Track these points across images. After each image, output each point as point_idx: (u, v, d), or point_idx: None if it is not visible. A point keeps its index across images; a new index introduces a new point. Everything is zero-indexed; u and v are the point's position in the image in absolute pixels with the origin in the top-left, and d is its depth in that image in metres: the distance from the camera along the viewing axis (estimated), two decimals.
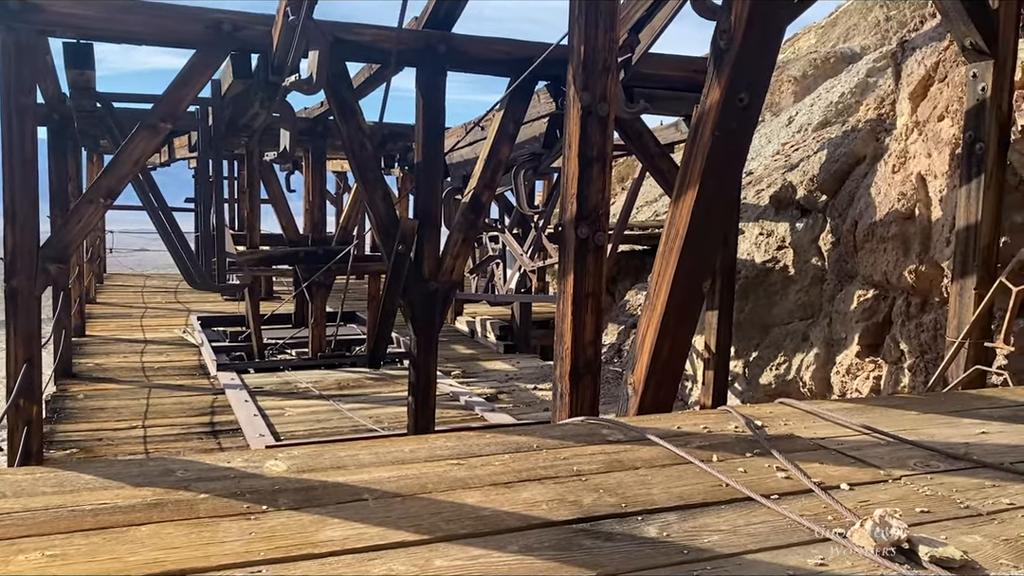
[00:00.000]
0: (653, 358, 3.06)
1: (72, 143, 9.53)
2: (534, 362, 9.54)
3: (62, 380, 7.90)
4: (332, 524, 1.76)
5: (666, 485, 2.07)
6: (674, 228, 2.98)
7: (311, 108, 8.89)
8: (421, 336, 5.44)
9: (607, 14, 3.19)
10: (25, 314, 4.67)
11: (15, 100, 4.57)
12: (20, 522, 1.74)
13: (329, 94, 5.06)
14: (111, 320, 11.80)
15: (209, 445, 6.08)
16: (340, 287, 9.52)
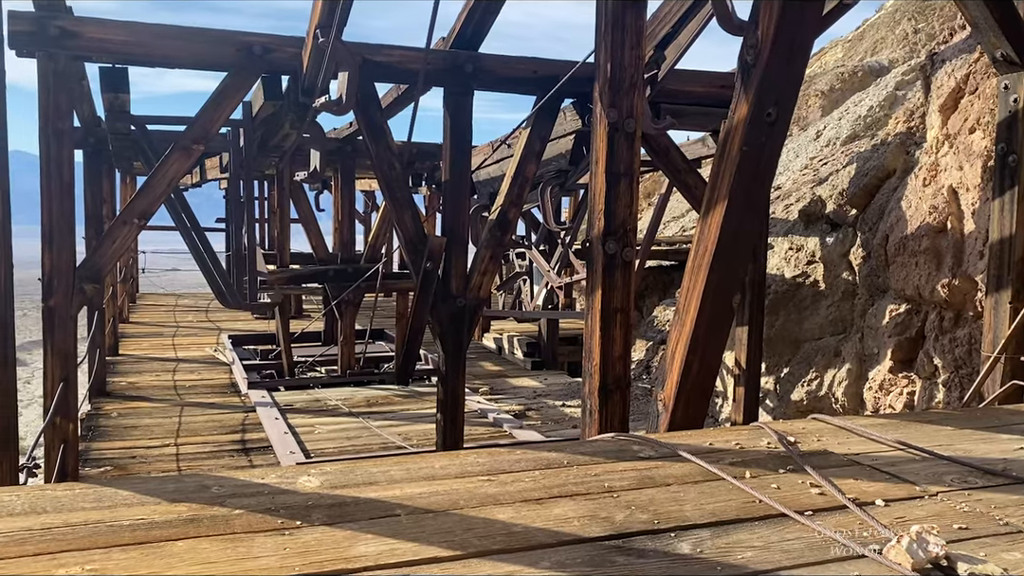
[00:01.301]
0: (683, 374, 3.05)
1: (107, 165, 9.72)
2: (562, 379, 9.52)
3: (96, 398, 8.01)
4: (365, 539, 1.77)
5: (699, 501, 2.06)
6: (703, 243, 2.98)
7: (340, 128, 8.99)
8: (449, 353, 5.46)
9: (634, 31, 3.21)
10: (62, 333, 4.75)
11: (53, 125, 4.67)
12: (60, 537, 1.77)
13: (358, 115, 5.12)
14: (144, 339, 11.96)
15: (240, 462, 6.13)
16: (369, 305, 9.58)
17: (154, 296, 18.84)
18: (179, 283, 25.19)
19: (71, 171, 4.78)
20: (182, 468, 5.96)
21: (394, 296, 10.53)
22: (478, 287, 5.58)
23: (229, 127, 6.99)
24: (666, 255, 9.84)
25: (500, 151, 7.24)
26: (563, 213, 11.41)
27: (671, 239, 10.70)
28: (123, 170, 12.63)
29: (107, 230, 5.28)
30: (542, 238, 8.23)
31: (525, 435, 6.79)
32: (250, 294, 7.32)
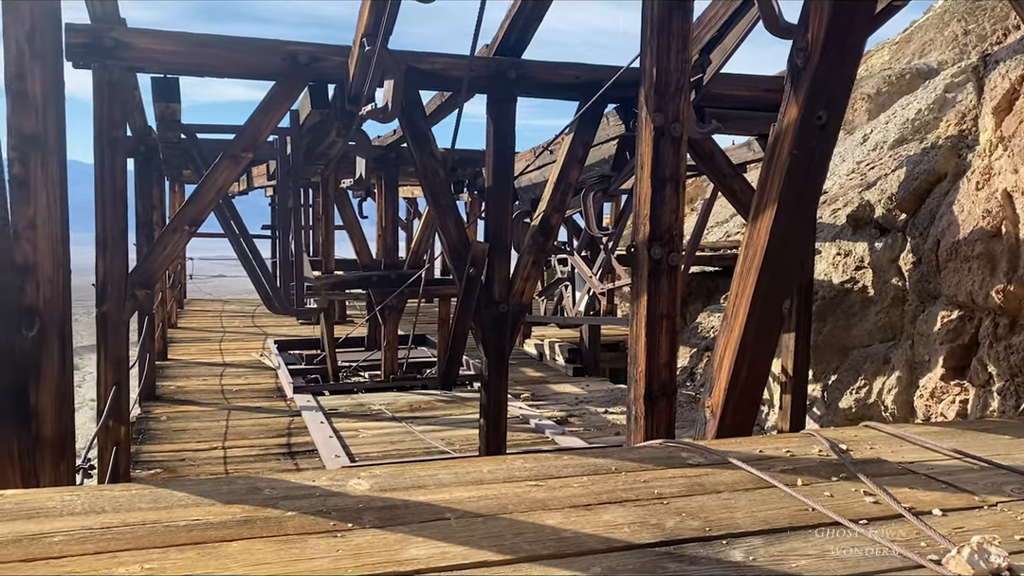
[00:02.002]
0: (731, 381, 3.02)
1: (157, 174, 9.93)
2: (604, 385, 9.48)
3: (146, 402, 8.17)
4: (416, 542, 1.79)
5: (750, 509, 2.03)
6: (752, 248, 2.94)
7: (384, 136, 9.07)
8: (492, 358, 5.47)
9: (679, 36, 3.20)
10: (114, 338, 4.85)
11: (107, 134, 4.78)
12: (119, 536, 1.81)
13: (403, 122, 5.16)
14: (192, 344, 12.17)
15: (287, 466, 6.21)
16: (411, 310, 9.65)
17: (201, 302, 19.17)
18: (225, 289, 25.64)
19: (124, 179, 4.89)
20: (230, 471, 6.05)
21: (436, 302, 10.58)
22: (520, 293, 5.58)
23: (276, 135, 7.10)
24: (710, 261, 9.75)
25: (542, 157, 7.25)
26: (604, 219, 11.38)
27: (715, 245, 10.61)
28: (172, 178, 12.89)
29: (158, 237, 5.38)
30: (584, 244, 8.20)
31: (567, 441, 6.77)
32: (297, 300, 7.42)
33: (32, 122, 2.73)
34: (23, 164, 2.73)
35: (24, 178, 2.73)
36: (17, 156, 2.71)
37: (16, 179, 2.72)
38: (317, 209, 12.41)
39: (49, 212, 2.78)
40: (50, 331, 2.78)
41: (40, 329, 2.75)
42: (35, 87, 2.73)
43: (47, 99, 2.76)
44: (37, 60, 2.73)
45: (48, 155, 2.78)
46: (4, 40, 2.68)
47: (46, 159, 2.77)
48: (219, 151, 5.29)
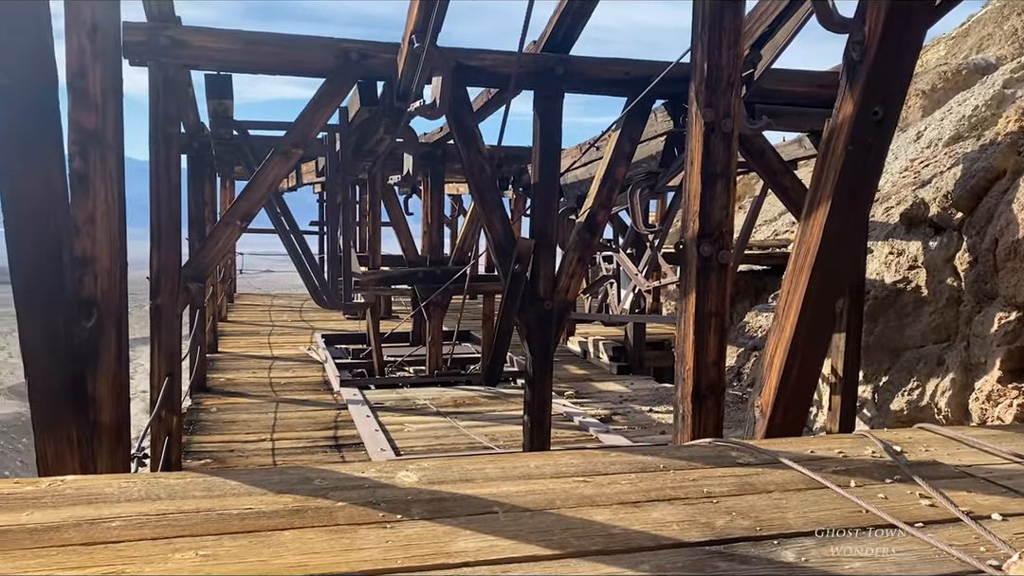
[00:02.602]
0: (782, 380, 2.98)
1: (209, 170, 10.11)
2: (648, 384, 9.42)
3: (197, 394, 8.33)
4: (464, 535, 1.79)
5: (802, 509, 2.00)
6: (804, 246, 2.90)
7: (430, 133, 9.13)
8: (536, 355, 5.47)
9: (731, 31, 3.16)
10: (168, 331, 4.96)
11: (162, 130, 4.89)
12: (175, 523, 1.84)
13: (451, 119, 5.18)
14: (241, 337, 12.38)
15: (333, 458, 6.28)
16: (456, 307, 9.69)
17: (251, 296, 19.48)
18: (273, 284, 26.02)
19: (178, 174, 4.99)
20: (278, 462, 6.14)
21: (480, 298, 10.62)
22: (566, 290, 5.57)
23: (326, 132, 7.18)
24: (758, 259, 9.62)
25: (589, 154, 7.22)
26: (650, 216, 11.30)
27: (763, 243, 10.47)
28: (223, 174, 13.13)
29: (211, 231, 5.49)
30: (630, 241, 8.16)
31: (612, 439, 6.74)
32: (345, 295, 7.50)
33: (92, 118, 2.79)
34: (83, 159, 2.79)
35: (84, 173, 2.79)
36: (78, 151, 2.77)
37: (76, 174, 2.78)
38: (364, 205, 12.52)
39: (107, 206, 2.84)
40: (107, 322, 2.84)
41: (98, 320, 2.81)
42: (95, 85, 2.79)
43: (106, 96, 2.82)
44: (97, 58, 2.79)
45: (107, 151, 2.83)
46: (66, 38, 2.75)
47: (105, 155, 2.83)
48: (270, 147, 5.37)
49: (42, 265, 2.54)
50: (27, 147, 2.49)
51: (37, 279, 2.55)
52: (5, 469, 10.47)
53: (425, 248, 10.08)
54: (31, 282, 2.54)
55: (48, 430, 2.63)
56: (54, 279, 2.57)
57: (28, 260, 2.53)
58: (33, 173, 2.49)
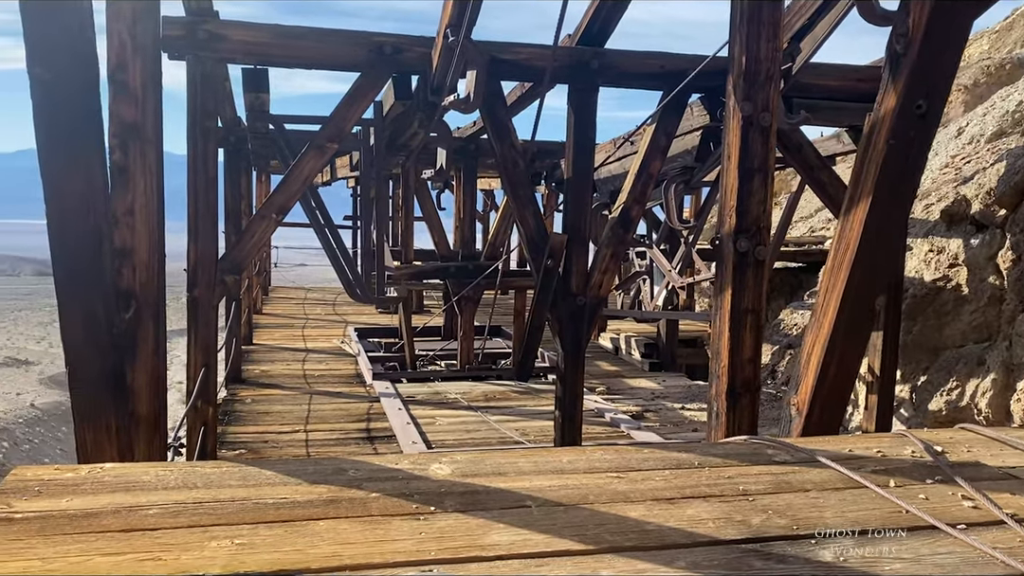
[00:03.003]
0: (819, 378, 2.93)
1: (245, 164, 10.22)
2: (681, 381, 9.36)
3: (232, 385, 8.43)
4: (498, 528, 1.79)
5: (840, 509, 1.97)
6: (844, 242, 2.85)
7: (463, 128, 9.13)
8: (568, 351, 5.45)
9: (770, 23, 3.12)
10: (204, 322, 5.02)
11: (200, 124, 4.94)
12: (211, 511, 1.86)
13: (484, 113, 5.18)
14: (276, 330, 12.51)
15: (366, 450, 6.32)
16: (487, 301, 9.71)
17: (285, 289, 19.68)
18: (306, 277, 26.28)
19: (215, 168, 5.05)
20: (311, 454, 6.19)
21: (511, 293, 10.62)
22: (598, 285, 5.54)
23: (360, 126, 7.22)
24: (794, 256, 9.51)
25: (622, 148, 7.18)
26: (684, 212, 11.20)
27: (799, 240, 10.35)
28: (259, 168, 13.26)
29: (247, 224, 5.55)
30: (663, 237, 8.10)
31: (643, 436, 6.71)
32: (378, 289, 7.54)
33: (132, 111, 2.82)
34: (123, 152, 2.82)
35: (124, 165, 2.82)
36: (118, 144, 2.81)
37: (116, 166, 2.81)
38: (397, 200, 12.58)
39: (147, 199, 2.87)
40: (145, 314, 2.88)
41: (136, 311, 2.85)
42: (135, 78, 2.82)
43: (146, 90, 2.85)
44: (138, 52, 2.82)
45: (146, 144, 2.87)
46: (108, 32, 2.78)
47: (144, 148, 2.86)
48: (305, 142, 5.41)
49: (83, 256, 2.58)
50: (69, 140, 2.53)
51: (78, 270, 2.59)
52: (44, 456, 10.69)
53: (457, 243, 10.11)
54: (72, 273, 2.58)
55: (87, 418, 2.67)
56: (94, 270, 2.60)
57: (69, 251, 2.57)
58: (75, 166, 2.53)
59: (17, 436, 10.71)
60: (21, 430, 10.91)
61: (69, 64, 2.45)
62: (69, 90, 2.47)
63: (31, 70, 2.41)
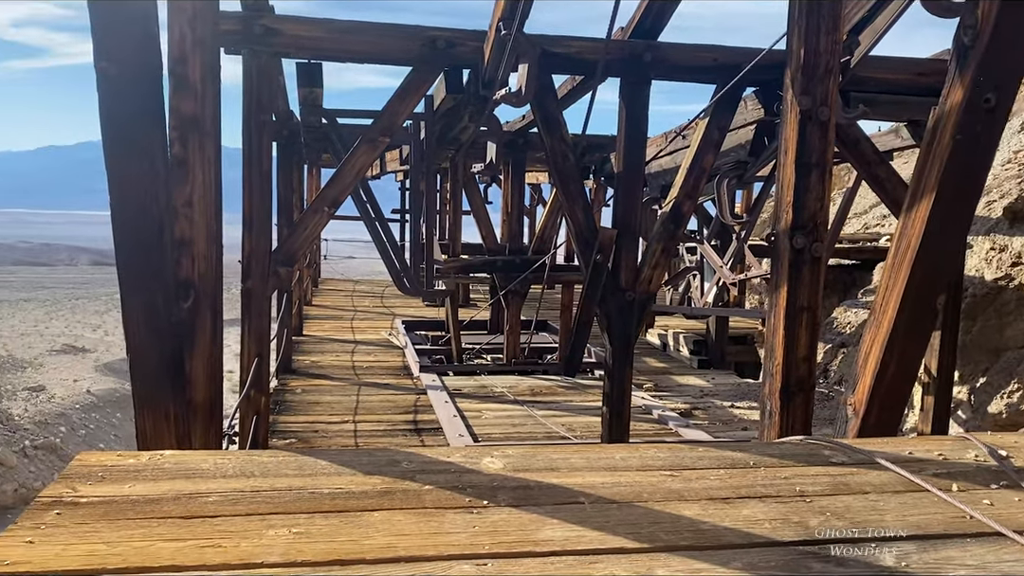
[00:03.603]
0: (877, 378, 2.87)
1: (297, 157, 10.35)
2: (730, 379, 9.25)
3: (283, 375, 8.56)
4: (551, 524, 1.78)
5: (900, 512, 1.93)
6: (905, 239, 2.78)
7: (512, 122, 9.13)
8: (616, 346, 5.41)
9: (830, 15, 3.06)
10: (258, 313, 5.11)
11: (255, 118, 5.02)
12: (268, 500, 1.89)
13: (535, 106, 5.16)
14: (325, 321, 12.67)
15: (412, 442, 6.37)
16: (534, 296, 9.70)
17: (334, 281, 19.92)
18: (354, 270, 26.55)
19: (270, 161, 5.12)
20: (359, 444, 6.26)
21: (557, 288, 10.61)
22: (648, 281, 5.49)
23: (411, 120, 7.26)
24: (848, 253, 9.32)
25: (674, 143, 7.11)
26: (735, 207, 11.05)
27: (854, 236, 10.14)
28: (310, 162, 13.42)
29: (300, 217, 5.62)
30: (714, 232, 8.00)
31: (692, 434, 6.65)
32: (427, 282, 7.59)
33: (191, 105, 2.87)
34: (183, 145, 2.87)
35: (183, 158, 2.87)
36: (177, 136, 2.86)
37: (176, 159, 2.86)
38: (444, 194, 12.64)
39: (205, 191, 2.92)
40: (203, 304, 2.93)
41: (194, 301, 2.90)
42: (195, 72, 2.86)
43: (205, 83, 2.89)
44: (197, 46, 2.86)
45: (205, 137, 2.91)
46: (168, 27, 2.83)
47: (203, 140, 2.90)
48: (357, 136, 5.46)
49: (144, 246, 2.63)
50: (133, 133, 2.58)
51: (140, 260, 2.64)
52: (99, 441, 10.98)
53: (504, 237, 10.11)
54: (134, 262, 2.64)
55: (147, 405, 2.73)
56: (155, 260, 2.65)
57: (131, 241, 2.62)
58: (138, 158, 2.58)
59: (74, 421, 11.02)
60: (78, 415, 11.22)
61: (133, 58, 2.50)
62: (133, 84, 2.52)
63: (97, 64, 2.46)
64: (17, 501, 8.34)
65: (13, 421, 9.87)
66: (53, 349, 16.21)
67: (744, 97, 5.65)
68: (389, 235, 7.34)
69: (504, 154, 9.07)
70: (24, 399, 11.27)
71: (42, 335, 18.62)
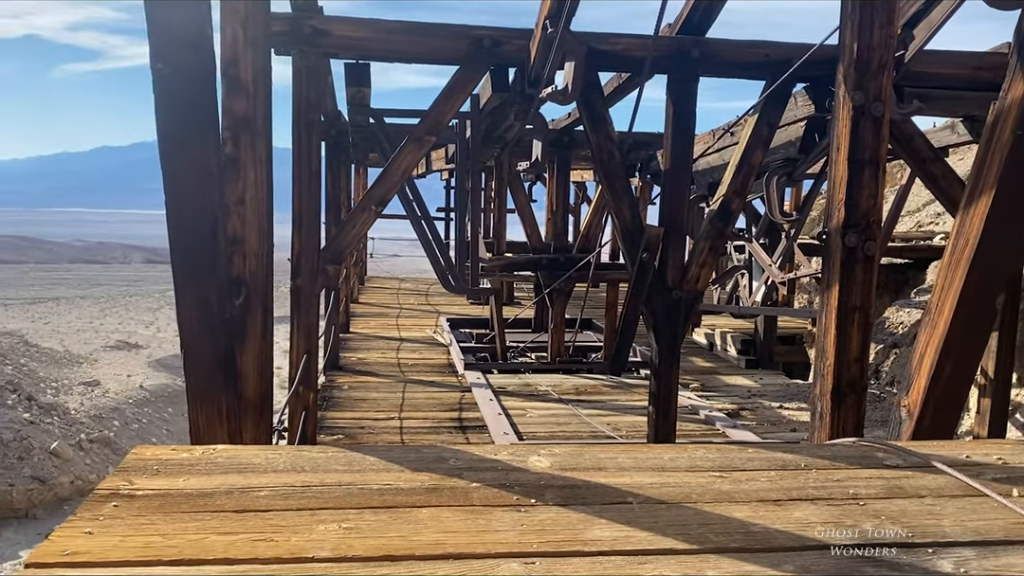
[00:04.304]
0: (932, 379, 2.81)
1: (345, 156, 10.46)
2: (778, 379, 9.12)
3: (330, 372, 8.66)
4: (599, 524, 1.78)
5: (958, 517, 1.88)
6: (963, 237, 2.72)
7: (557, 120, 9.11)
8: (663, 346, 5.37)
9: (884, 9, 3.00)
10: (307, 310, 5.17)
11: (304, 117, 5.08)
12: (318, 495, 1.91)
13: (581, 104, 5.14)
14: (371, 319, 12.79)
15: (457, 439, 6.40)
16: (578, 294, 9.67)
17: (380, 279, 20.10)
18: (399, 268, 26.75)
19: (318, 161, 5.18)
20: (405, 441, 6.31)
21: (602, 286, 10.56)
22: (695, 279, 5.43)
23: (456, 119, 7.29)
24: (900, 252, 9.13)
25: (722, 140, 7.02)
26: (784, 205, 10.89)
27: (907, 235, 9.93)
28: (357, 161, 13.55)
29: (347, 216, 5.68)
30: (763, 230, 7.89)
31: (740, 435, 6.57)
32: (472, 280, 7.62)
33: (243, 105, 2.91)
34: (235, 144, 2.92)
35: (235, 157, 2.92)
36: (230, 136, 2.90)
37: (228, 158, 2.91)
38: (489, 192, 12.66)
39: (256, 189, 2.96)
40: (255, 301, 2.97)
41: (246, 298, 2.94)
42: (247, 72, 2.91)
43: (257, 83, 2.93)
44: (248, 46, 2.90)
45: (256, 136, 2.95)
46: (221, 28, 2.88)
47: (255, 140, 2.95)
48: (403, 135, 5.49)
49: (199, 244, 2.68)
50: (187, 132, 2.63)
51: (194, 257, 2.69)
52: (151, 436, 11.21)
53: (549, 235, 10.10)
54: (189, 260, 2.69)
55: (201, 400, 2.78)
56: (209, 257, 2.70)
57: (186, 238, 2.67)
58: (192, 157, 2.62)
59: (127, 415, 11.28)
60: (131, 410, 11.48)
61: (188, 60, 2.55)
62: (187, 84, 2.57)
63: (154, 66, 2.51)
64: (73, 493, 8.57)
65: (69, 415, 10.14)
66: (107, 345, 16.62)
67: (794, 93, 5.56)
68: (435, 233, 7.38)
69: (549, 152, 9.05)
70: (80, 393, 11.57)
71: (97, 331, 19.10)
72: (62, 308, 24.42)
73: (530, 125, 6.32)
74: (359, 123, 7.31)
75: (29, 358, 12.79)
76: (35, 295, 28.87)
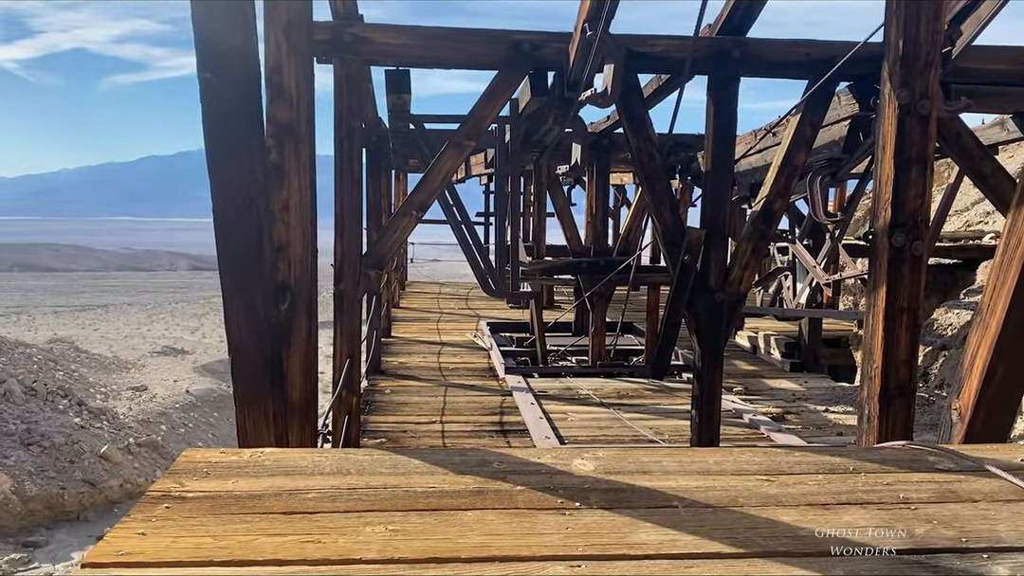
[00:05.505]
0: (984, 382, 2.74)
1: (385, 162, 10.56)
2: (824, 382, 8.98)
3: (373, 376, 8.73)
4: (644, 527, 1.77)
5: (1014, 522, 1.84)
6: (1015, 235, 2.65)
7: (596, 123, 9.09)
8: (706, 349, 5.33)
9: (930, 5, 2.95)
10: (350, 315, 5.23)
11: (346, 125, 5.14)
12: (364, 498, 1.93)
13: (620, 106, 5.13)
14: (412, 323, 12.86)
15: (499, 443, 6.41)
16: (619, 298, 9.63)
17: (420, 284, 20.22)
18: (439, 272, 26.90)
19: (360, 166, 5.24)
20: (446, 444, 6.34)
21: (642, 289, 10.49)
22: (738, 281, 5.39)
23: (495, 123, 7.31)
24: (948, 252, 8.94)
25: (764, 140, 6.95)
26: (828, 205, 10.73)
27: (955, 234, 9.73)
28: (397, 167, 13.66)
29: (389, 221, 5.73)
30: (807, 232, 7.78)
31: (785, 439, 6.48)
32: (512, 284, 7.63)
33: (287, 113, 2.95)
34: (279, 151, 2.96)
35: (280, 164, 2.96)
36: (274, 143, 2.94)
37: (273, 165, 2.95)
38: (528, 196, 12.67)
39: (301, 196, 3.00)
40: (299, 306, 3.01)
41: (291, 304, 2.98)
42: (290, 80, 2.95)
43: (300, 91, 2.98)
44: (292, 55, 2.94)
45: (300, 143, 2.99)
46: (264, 36, 2.92)
47: (299, 147, 2.99)
48: (443, 140, 5.53)
49: (245, 250, 2.72)
50: (233, 140, 2.67)
51: (241, 263, 2.73)
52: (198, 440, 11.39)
53: (589, 238, 10.07)
54: (235, 266, 2.73)
55: (248, 404, 2.82)
56: (255, 264, 2.74)
57: (233, 244, 2.72)
58: (238, 164, 2.66)
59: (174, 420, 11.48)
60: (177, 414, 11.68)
61: (234, 69, 2.59)
62: (234, 93, 2.61)
63: (201, 75, 2.56)
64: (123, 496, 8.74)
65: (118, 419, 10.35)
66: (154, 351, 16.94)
67: (837, 92, 5.48)
68: (475, 238, 7.41)
69: (589, 155, 9.04)
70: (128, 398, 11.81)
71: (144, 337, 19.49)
72: (111, 315, 24.97)
73: (569, 128, 6.31)
74: (399, 129, 7.38)
75: (79, 364, 13.09)
76: (85, 302, 29.56)
